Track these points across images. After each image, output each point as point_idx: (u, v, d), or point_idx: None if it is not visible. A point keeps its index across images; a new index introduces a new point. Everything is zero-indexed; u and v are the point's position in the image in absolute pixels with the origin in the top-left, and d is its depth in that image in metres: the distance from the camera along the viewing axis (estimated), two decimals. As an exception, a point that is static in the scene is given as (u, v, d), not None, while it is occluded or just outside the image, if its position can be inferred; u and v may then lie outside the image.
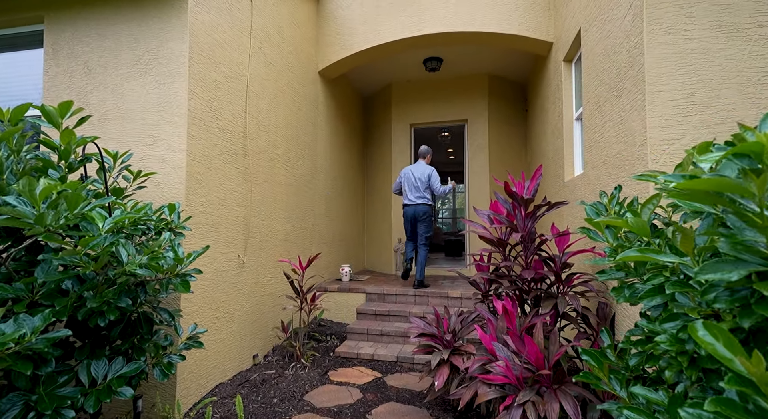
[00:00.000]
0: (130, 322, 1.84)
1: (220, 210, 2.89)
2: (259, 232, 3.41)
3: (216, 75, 2.89)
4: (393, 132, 6.06)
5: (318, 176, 4.71)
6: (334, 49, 4.78)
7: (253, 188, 3.33)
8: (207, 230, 2.74)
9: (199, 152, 2.69)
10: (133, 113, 2.65)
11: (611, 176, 2.36)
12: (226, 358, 2.94)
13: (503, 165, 5.81)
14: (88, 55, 2.76)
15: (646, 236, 1.08)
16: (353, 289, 4.45)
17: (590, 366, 1.36)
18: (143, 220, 1.87)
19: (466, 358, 2.20)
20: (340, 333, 4.02)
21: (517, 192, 2.44)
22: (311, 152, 4.56)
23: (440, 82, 5.92)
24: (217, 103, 2.90)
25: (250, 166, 3.29)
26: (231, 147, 3.05)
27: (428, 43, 4.58)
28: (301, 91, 4.33)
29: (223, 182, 2.95)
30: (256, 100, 3.41)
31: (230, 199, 3.02)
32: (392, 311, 4.00)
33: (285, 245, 3.86)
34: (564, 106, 3.66)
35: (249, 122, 3.29)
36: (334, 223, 5.17)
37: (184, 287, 1.72)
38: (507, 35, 4.23)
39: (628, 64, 2.06)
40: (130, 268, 1.54)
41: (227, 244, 2.97)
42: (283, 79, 3.91)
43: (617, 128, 2.24)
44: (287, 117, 3.98)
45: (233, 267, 3.04)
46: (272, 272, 3.61)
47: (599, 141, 2.60)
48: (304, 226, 4.29)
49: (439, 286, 4.56)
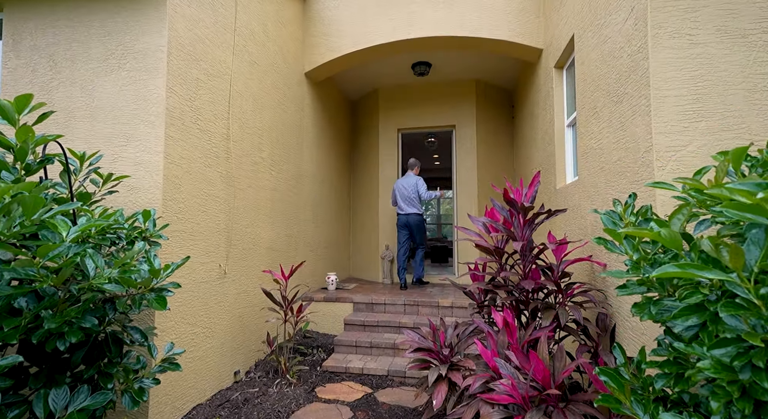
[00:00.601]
0: (96, 344, 1.64)
1: (200, 217, 2.69)
2: (243, 240, 3.22)
3: (197, 73, 2.71)
4: (380, 137, 5.96)
5: (304, 181, 4.55)
6: (320, 50, 4.65)
7: (236, 194, 3.14)
8: (185, 238, 2.54)
9: (178, 155, 2.50)
10: (105, 112, 2.44)
11: (610, 183, 2.31)
12: (204, 376, 2.72)
13: (491, 171, 5.78)
14: (54, 48, 2.54)
15: (677, 249, 0.99)
16: (340, 298, 4.28)
17: (610, 388, 1.26)
18: (113, 228, 1.68)
19: (465, 374, 2.08)
20: (327, 346, 3.84)
21: (516, 199, 2.35)
22: (297, 156, 4.39)
23: (428, 87, 5.86)
24: (198, 102, 2.72)
25: (233, 170, 3.11)
26: (213, 150, 2.87)
27: (418, 47, 4.51)
28: (287, 93, 4.17)
29: (204, 186, 2.76)
30: (239, 100, 3.23)
31: (211, 205, 2.83)
32: (381, 322, 3.85)
33: (270, 254, 3.67)
34: (555, 112, 3.63)
35: (232, 123, 3.11)
36: (319, 230, 5.00)
37: (160, 303, 1.54)
38: (497, 41, 4.20)
39: (630, 68, 2.01)
40: (98, 283, 1.35)
41: (207, 253, 2.77)
42: (268, 80, 3.75)
43: (617, 134, 2.19)
44: (272, 119, 3.81)
45: (214, 278, 2.84)
46: (256, 283, 3.41)
47: (596, 148, 2.55)
48: (289, 233, 4.11)
49: (429, 295, 4.45)
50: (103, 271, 1.39)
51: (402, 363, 3.29)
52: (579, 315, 2.16)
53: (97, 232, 1.56)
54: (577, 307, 2.23)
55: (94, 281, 1.34)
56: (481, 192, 5.64)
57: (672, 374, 1.13)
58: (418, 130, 6.04)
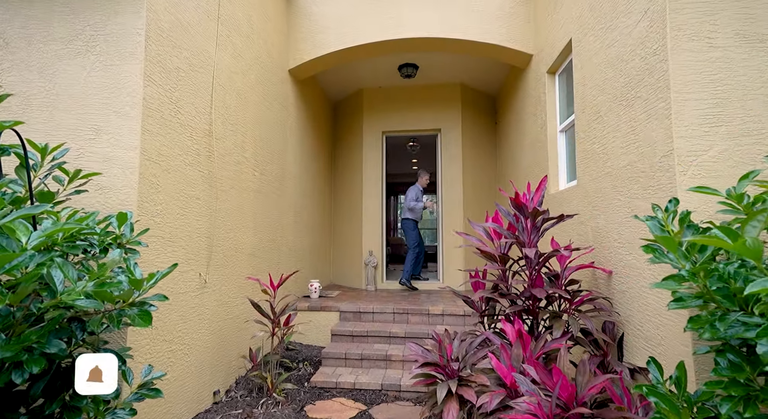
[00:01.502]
0: (60, 372, 1.37)
1: (179, 220, 2.42)
2: (224, 246, 2.95)
3: (178, 61, 2.45)
4: (364, 140, 5.80)
5: (287, 183, 4.31)
6: (306, 47, 4.44)
7: (219, 195, 2.88)
8: (163, 244, 2.27)
9: (156, 151, 2.23)
10: (68, 100, 2.14)
11: (618, 187, 2.27)
12: (180, 399, 2.43)
13: (476, 177, 5.76)
14: (5, 25, 2.21)
15: (755, 260, 0.90)
16: (325, 307, 4.06)
17: (661, 411, 1.15)
18: (84, 234, 1.42)
19: (477, 391, 1.94)
20: (313, 358, 3.61)
21: (525, 204, 2.26)
22: (281, 157, 4.15)
23: (413, 90, 5.77)
24: (179, 94, 2.46)
25: (216, 169, 2.85)
26: (194, 147, 2.61)
27: (406, 48, 4.41)
28: (271, 90, 3.94)
29: (184, 187, 2.49)
30: (223, 94, 2.98)
31: (192, 207, 2.56)
32: (371, 332, 3.66)
33: (252, 261, 3.41)
34: (548, 118, 3.62)
35: (215, 118, 2.86)
36: (302, 235, 4.76)
37: (144, 319, 1.29)
38: (487, 44, 4.17)
39: (644, 71, 1.97)
40: (69, 299, 1.10)
41: (187, 261, 2.49)
42: (253, 75, 3.51)
43: (627, 138, 2.15)
44: (256, 116, 3.57)
45: (193, 288, 2.56)
46: (237, 292, 3.14)
47: (599, 152, 2.52)
48: (272, 238, 3.86)
49: (418, 302, 4.31)
50: (74, 284, 1.14)
51: (396, 376, 3.12)
52: (591, 324, 2.09)
53: (65, 238, 1.30)
54: (587, 316, 2.16)
55: (65, 297, 1.09)
56: (466, 197, 5.59)
57: (737, 397, 1.03)
58: (403, 133, 5.93)
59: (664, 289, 1.24)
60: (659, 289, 1.84)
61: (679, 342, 1.71)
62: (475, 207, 5.68)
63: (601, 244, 2.50)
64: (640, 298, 2.04)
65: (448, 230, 5.56)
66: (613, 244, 2.32)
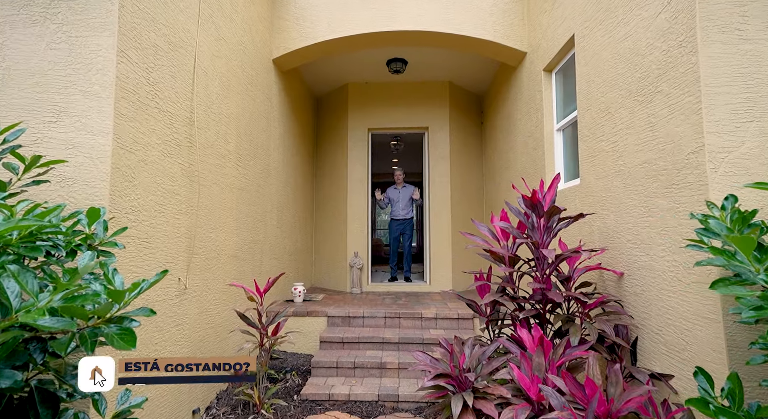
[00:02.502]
0: (13, 406, 1.09)
1: (157, 219, 2.14)
2: (206, 247, 2.67)
3: (156, 37, 2.16)
4: (350, 137, 5.57)
5: (270, 180, 4.03)
6: (291, 36, 4.19)
7: (201, 191, 2.59)
8: (139, 246, 1.98)
9: (131, 138, 1.94)
10: (22, 76, 1.82)
11: (631, 186, 2.19)
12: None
13: (463, 176, 5.67)
14: (-51, -16, 1.86)
15: None
16: (312, 312, 3.81)
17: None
18: (47, 232, 1.15)
19: (495, 404, 1.79)
20: (300, 367, 3.36)
21: (541, 202, 2.14)
22: (264, 152, 3.87)
23: (401, 86, 5.61)
24: (158, 75, 2.17)
25: (197, 162, 2.56)
26: (174, 136, 2.32)
27: (398, 41, 4.24)
28: (255, 79, 3.66)
29: (163, 181, 2.20)
30: (205, 79, 2.69)
31: (171, 204, 2.27)
32: (363, 338, 3.46)
33: (234, 263, 3.12)
34: (544, 117, 3.55)
35: (197, 105, 2.57)
36: (285, 235, 4.48)
37: (127, 340, 1.04)
38: (480, 40, 4.07)
39: (666, 65, 1.90)
40: (28, 318, 0.85)
41: (165, 264, 2.20)
42: (236, 60, 3.23)
43: (643, 136, 2.08)
44: (240, 106, 3.29)
45: (172, 295, 2.27)
46: (219, 298, 2.85)
47: (607, 150, 2.44)
48: (255, 239, 3.57)
49: (409, 305, 4.14)
50: (35, 298, 0.89)
51: (392, 386, 2.94)
52: (610, 329, 1.99)
53: (21, 238, 1.03)
54: (604, 320, 2.07)
55: (22, 317, 0.84)
56: (454, 197, 5.48)
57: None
58: (390, 130, 5.76)
59: (727, 294, 1.13)
60: (684, 292, 1.76)
61: (710, 348, 1.63)
62: (463, 207, 5.59)
63: (609, 244, 2.42)
64: (658, 301, 1.96)
65: (435, 230, 5.44)
66: (625, 244, 2.25)
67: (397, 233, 5.89)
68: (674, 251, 1.84)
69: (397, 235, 5.91)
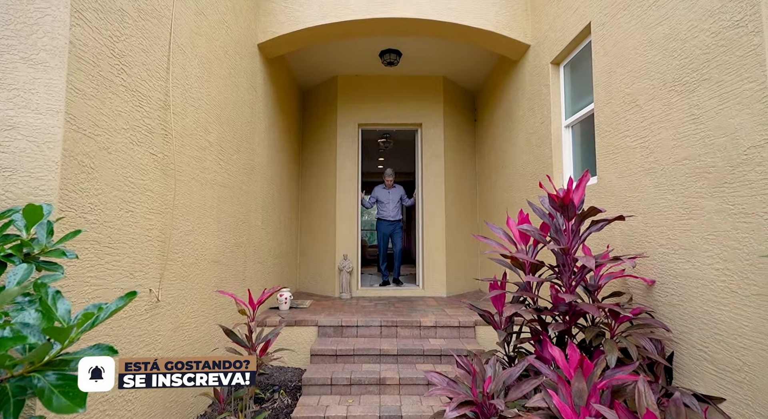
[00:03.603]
0: None
1: (123, 219, 1.78)
2: (183, 252, 2.31)
3: (122, 1, 1.80)
4: (339, 132, 5.25)
5: (255, 177, 3.67)
6: (279, 19, 3.84)
7: (177, 187, 2.23)
8: (99, 252, 1.62)
9: (90, 120, 1.58)
10: (-50, 38, 1.43)
11: (664, 186, 1.99)
12: (122, 463, 1.78)
13: (458, 176, 5.45)
14: None
15: None
16: (300, 321, 3.48)
17: None
18: (-48, 241, 0.80)
19: (531, 436, 1.54)
20: (289, 384, 3.03)
21: (573, 202, 1.90)
22: (249, 146, 3.51)
23: (393, 80, 5.33)
24: (125, 46, 1.81)
25: (173, 154, 2.20)
26: (145, 121, 1.96)
27: (394, 29, 3.97)
28: (239, 64, 3.30)
29: (131, 173, 1.84)
30: (182, 58, 2.34)
31: (141, 201, 1.91)
32: (358, 350, 3.16)
33: (215, 269, 2.76)
34: (552, 113, 3.35)
35: (173, 87, 2.21)
36: (270, 237, 4.13)
37: (72, 396, 0.72)
38: (482, 31, 3.85)
39: (715, 49, 1.70)
40: None
41: (132, 273, 1.84)
42: (218, 40, 2.87)
43: (684, 129, 1.87)
44: (222, 93, 2.93)
45: (141, 310, 1.91)
46: (198, 310, 2.50)
47: (634, 146, 2.24)
48: (238, 241, 3.22)
49: (405, 312, 3.87)
50: None
51: (394, 404, 2.65)
52: (650, 345, 1.78)
53: None
54: (639, 334, 1.85)
55: None
56: (448, 198, 5.25)
57: None
58: (381, 126, 5.47)
59: None
60: (740, 305, 1.55)
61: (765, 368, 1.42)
62: (457, 207, 5.37)
63: (636, 249, 2.22)
64: (703, 314, 1.76)
65: (429, 232, 5.18)
66: (657, 250, 2.05)
67: (386, 235, 5.62)
68: (726, 258, 1.63)
69: (386, 237, 5.64)
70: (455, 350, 3.15)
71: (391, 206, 5.56)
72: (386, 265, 5.75)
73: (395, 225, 5.59)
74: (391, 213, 5.56)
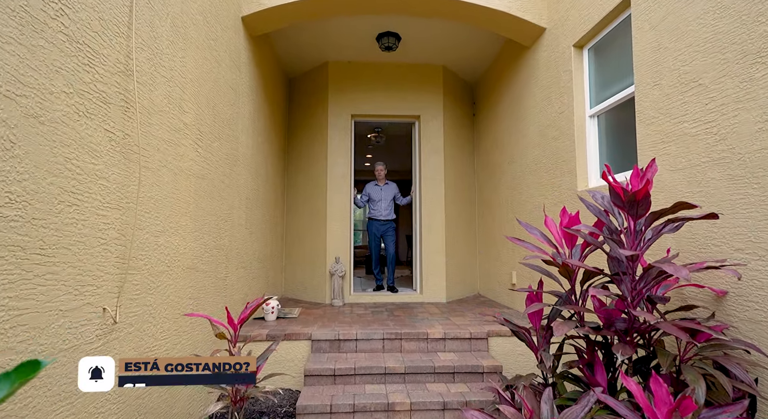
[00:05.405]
0: None
1: (62, 216, 1.30)
2: (150, 257, 1.83)
3: None
4: (330, 123, 4.79)
5: (238, 169, 3.19)
6: (267, -10, 3.37)
7: (143, 175, 1.75)
8: (23, 261, 1.14)
9: (10, 74, 1.11)
10: None
11: (742, 179, 1.67)
12: None
13: (458, 172, 5.10)
14: None
15: None
16: (291, 335, 3.03)
17: None
18: None
19: None
20: (279, 410, 2.58)
21: (645, 197, 1.55)
22: (231, 132, 3.03)
23: (389, 68, 4.92)
24: (67, -20, 1.33)
25: (138, 133, 1.72)
26: (97, 87, 1.48)
27: (396, 7, 3.56)
28: (221, 37, 2.82)
29: (76, 154, 1.36)
30: (149, 14, 1.85)
31: (90, 192, 1.43)
32: (360, 368, 2.74)
33: (192, 278, 2.28)
34: (574, 101, 3.03)
35: (137, 49, 1.73)
36: (254, 238, 3.65)
37: None
38: (493, 11, 3.49)
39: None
40: None
41: (78, 288, 1.37)
42: (195, 2, 2.39)
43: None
44: (201, 68, 2.45)
45: (90, 337, 1.43)
46: (170, 330, 2.02)
47: (695, 133, 1.92)
48: (219, 244, 2.73)
49: (407, 322, 3.47)
50: None
51: (408, 436, 2.25)
52: (744, 374, 1.44)
53: None
54: (727, 359, 1.52)
55: None
56: (448, 195, 4.88)
57: None
58: (376, 118, 5.06)
59: None
60: None
61: None
62: (457, 206, 5.02)
63: (698, 254, 1.90)
64: (805, 333, 1.44)
65: (427, 233, 4.80)
66: (732, 255, 1.73)
67: (378, 236, 5.20)
68: None
69: (378, 238, 5.22)
70: (470, 367, 2.78)
71: (383, 204, 5.14)
72: (379, 269, 5.34)
73: (388, 225, 5.16)
74: (384, 212, 5.14)
